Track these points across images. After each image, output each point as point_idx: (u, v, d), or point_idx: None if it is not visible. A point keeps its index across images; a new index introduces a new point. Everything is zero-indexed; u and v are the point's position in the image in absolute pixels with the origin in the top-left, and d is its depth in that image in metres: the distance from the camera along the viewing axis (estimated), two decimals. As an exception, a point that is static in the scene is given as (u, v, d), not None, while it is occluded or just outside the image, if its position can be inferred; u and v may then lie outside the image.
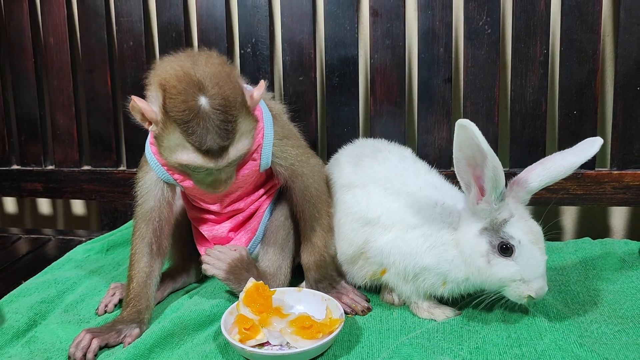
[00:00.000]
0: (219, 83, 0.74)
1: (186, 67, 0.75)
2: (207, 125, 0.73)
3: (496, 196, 0.74)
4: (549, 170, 0.78)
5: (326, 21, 1.18)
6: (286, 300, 0.85)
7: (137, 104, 0.76)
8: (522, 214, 0.77)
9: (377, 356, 0.74)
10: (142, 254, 0.86)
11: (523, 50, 1.10)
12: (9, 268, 1.13)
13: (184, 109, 0.72)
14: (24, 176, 1.37)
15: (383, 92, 1.18)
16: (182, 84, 0.73)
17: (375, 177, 0.86)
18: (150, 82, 0.79)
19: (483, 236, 0.76)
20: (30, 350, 0.80)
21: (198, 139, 0.73)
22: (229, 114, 0.74)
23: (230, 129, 0.74)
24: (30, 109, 1.35)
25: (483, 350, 0.74)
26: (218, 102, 0.73)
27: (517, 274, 0.75)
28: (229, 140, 0.75)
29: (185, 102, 0.73)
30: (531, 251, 0.74)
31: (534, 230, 0.76)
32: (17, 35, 1.33)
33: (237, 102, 0.75)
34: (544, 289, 0.75)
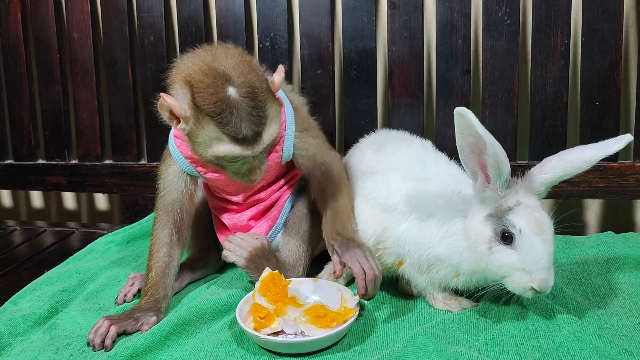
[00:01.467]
0: (242, 72, 0.75)
1: (208, 61, 0.76)
2: (240, 114, 0.73)
3: (501, 183, 0.73)
4: (565, 163, 0.75)
5: (344, 14, 1.18)
6: (302, 290, 0.85)
7: (167, 101, 0.76)
8: (531, 203, 0.74)
9: (391, 345, 0.74)
10: (162, 244, 0.87)
11: (543, 41, 1.09)
12: (34, 258, 1.16)
13: (215, 101, 0.73)
14: (48, 170, 1.39)
15: (401, 84, 1.17)
16: (209, 77, 0.74)
17: (396, 163, 0.86)
18: (173, 80, 0.79)
19: (488, 222, 0.74)
20: (52, 337, 0.81)
21: (233, 128, 0.74)
22: (258, 100, 0.75)
23: (261, 114, 0.75)
24: (55, 104, 1.37)
25: (499, 341, 0.73)
26: (246, 90, 0.74)
27: (517, 263, 0.72)
28: (262, 126, 0.76)
29: (215, 94, 0.73)
30: (532, 241, 0.72)
31: (539, 220, 0.73)
32: (42, 31, 1.35)
33: (263, 88, 0.76)
34: (548, 282, 0.72)
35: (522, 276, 0.73)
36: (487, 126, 1.10)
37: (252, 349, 0.75)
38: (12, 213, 1.65)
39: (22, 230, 1.35)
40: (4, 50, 1.39)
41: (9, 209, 1.65)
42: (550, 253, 0.73)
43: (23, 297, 0.93)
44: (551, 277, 0.73)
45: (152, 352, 0.75)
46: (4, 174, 1.42)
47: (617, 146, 0.74)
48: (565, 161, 0.75)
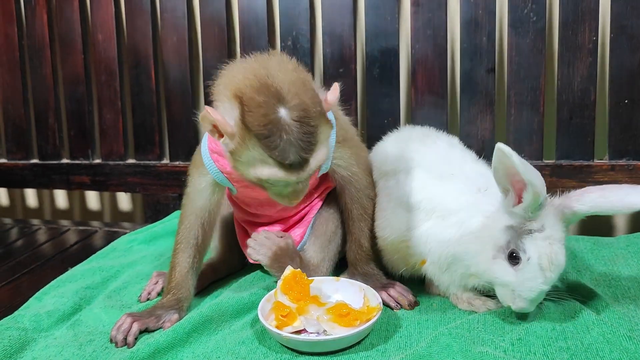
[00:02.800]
0: (297, 92, 0.69)
1: (261, 76, 0.70)
2: (289, 139, 0.68)
3: (534, 209, 0.71)
4: (605, 201, 0.70)
5: (367, 12, 1.18)
6: (324, 289, 0.84)
7: (212, 116, 0.70)
8: (553, 233, 0.71)
9: (415, 345, 0.73)
10: (187, 244, 0.86)
11: (571, 38, 1.07)
12: (58, 256, 1.17)
13: (266, 123, 0.68)
14: (72, 169, 1.41)
15: (424, 83, 1.16)
16: (261, 96, 0.68)
17: (421, 161, 0.85)
18: (220, 91, 0.75)
19: (507, 233, 0.72)
20: (75, 333, 0.82)
21: (281, 154, 0.68)
22: (310, 125, 0.69)
23: (311, 140, 0.70)
24: (80, 104, 1.39)
25: (526, 342, 0.71)
26: (298, 113, 0.68)
27: (511, 284, 0.72)
28: (311, 152, 0.70)
29: (266, 115, 0.68)
30: (534, 273, 0.70)
31: (552, 257, 0.70)
32: (67, 32, 1.37)
33: (317, 111, 0.71)
34: (525, 309, 0.73)
35: (509, 294, 0.73)
36: (512, 125, 1.12)
37: (273, 347, 0.74)
38: (37, 212, 1.67)
39: (46, 229, 1.36)
40: (30, 51, 1.41)
41: (34, 209, 1.67)
42: (544, 291, 0.72)
43: (47, 294, 0.94)
44: (530, 308, 0.73)
45: (174, 349, 0.75)
46: (30, 173, 1.44)
47: None
48: (606, 199, 0.70)
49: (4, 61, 1.43)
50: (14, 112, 1.44)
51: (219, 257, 0.99)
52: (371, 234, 0.88)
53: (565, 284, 0.86)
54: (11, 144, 1.46)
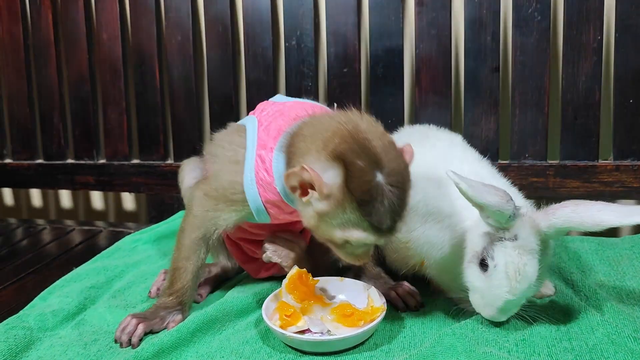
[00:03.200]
0: (391, 158, 0.69)
1: (359, 140, 0.68)
2: (386, 204, 0.67)
3: (504, 221, 0.70)
4: (576, 216, 0.68)
5: (371, 12, 1.18)
6: (328, 289, 0.84)
7: (310, 174, 0.67)
8: (527, 244, 0.69)
9: (419, 345, 0.73)
10: (193, 253, 0.84)
11: (575, 37, 1.07)
12: (63, 256, 1.17)
13: (368, 189, 0.67)
14: (77, 169, 1.41)
15: (429, 82, 1.16)
16: (364, 161, 0.67)
17: (419, 163, 0.85)
18: (308, 148, 0.71)
19: (483, 239, 0.72)
20: (80, 332, 0.82)
21: (378, 219, 0.68)
22: (403, 190, 0.69)
23: (404, 204, 0.70)
24: (84, 104, 1.39)
25: (530, 342, 0.71)
26: (395, 179, 0.68)
27: (479, 289, 0.72)
28: (402, 216, 0.70)
29: (369, 182, 0.67)
30: (499, 281, 0.69)
31: (519, 267, 0.69)
32: (72, 32, 1.37)
33: (407, 174, 0.71)
34: (494, 319, 0.73)
35: (479, 299, 0.73)
36: (516, 125, 1.12)
37: (277, 347, 0.74)
38: (42, 212, 1.68)
39: (51, 228, 1.37)
40: (35, 50, 1.41)
41: (39, 208, 1.68)
42: (509, 301, 0.70)
43: (52, 293, 0.94)
44: (499, 317, 0.72)
45: (178, 348, 0.75)
46: (35, 173, 1.45)
47: (637, 218, 0.66)
48: (577, 214, 0.68)
49: (9, 61, 1.43)
50: (19, 112, 1.45)
51: (220, 265, 0.99)
52: None
53: (570, 285, 0.86)
54: (16, 144, 1.47)
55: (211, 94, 1.31)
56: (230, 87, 1.29)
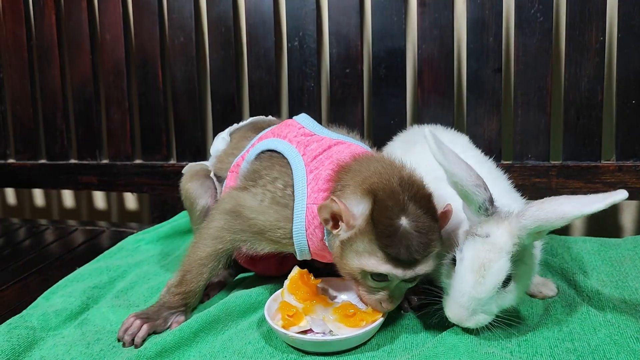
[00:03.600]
0: (420, 208, 0.71)
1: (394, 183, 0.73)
2: (405, 241, 0.70)
3: (475, 209, 0.69)
4: (544, 213, 0.67)
5: (373, 13, 1.18)
6: (331, 289, 0.84)
7: (340, 206, 0.71)
8: (498, 242, 0.68)
9: (421, 346, 0.73)
10: (215, 264, 0.84)
11: (578, 38, 1.07)
12: (66, 256, 1.17)
13: (390, 224, 0.70)
14: (80, 169, 1.42)
15: (431, 83, 1.16)
16: (391, 201, 0.71)
17: (420, 163, 0.85)
18: (348, 185, 0.75)
19: (462, 237, 0.72)
20: (82, 332, 0.82)
21: (395, 251, 0.70)
22: (426, 235, 0.70)
23: (425, 247, 0.70)
24: (87, 105, 1.40)
25: (532, 343, 0.71)
26: (419, 224, 0.70)
27: (447, 286, 0.71)
28: (422, 256, 0.71)
29: (392, 218, 0.70)
30: (463, 275, 0.68)
31: (485, 262, 0.67)
32: (75, 33, 1.38)
33: (434, 224, 0.72)
34: (460, 321, 0.70)
35: (448, 300, 0.71)
36: (519, 125, 1.12)
37: (280, 347, 0.74)
38: (45, 212, 1.68)
39: (54, 228, 1.37)
40: (39, 51, 1.42)
41: (42, 208, 1.68)
42: (474, 298, 0.68)
43: (55, 293, 0.94)
44: (469, 319, 0.70)
45: (181, 348, 0.75)
46: (38, 173, 1.45)
47: (598, 205, 0.65)
48: (543, 211, 0.67)
49: (12, 61, 1.44)
50: (22, 112, 1.45)
51: None
52: None
53: (573, 285, 0.86)
54: (19, 144, 1.47)
55: (214, 94, 1.31)
56: (233, 87, 1.30)
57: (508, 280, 0.69)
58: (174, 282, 0.85)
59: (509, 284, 0.70)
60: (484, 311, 0.70)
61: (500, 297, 0.70)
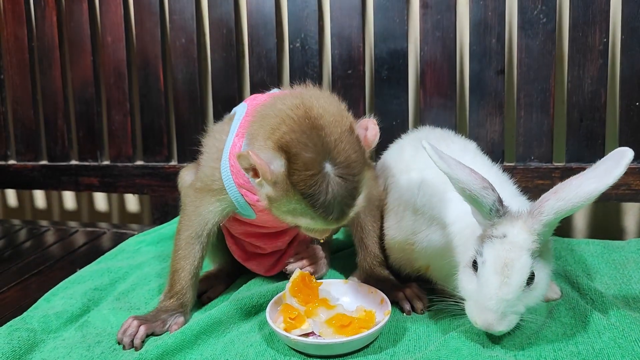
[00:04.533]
0: (344, 147, 0.68)
1: (306, 127, 0.68)
2: (334, 195, 0.67)
3: (485, 214, 0.69)
4: (564, 202, 0.65)
5: (375, 14, 1.17)
6: (332, 291, 0.84)
7: (255, 161, 0.67)
8: (517, 241, 0.67)
9: (424, 349, 0.73)
10: (190, 251, 0.85)
11: (581, 40, 1.06)
12: (67, 257, 1.17)
13: (312, 183, 0.66)
14: (81, 171, 1.41)
15: (433, 84, 1.15)
16: (309, 152, 0.66)
17: (429, 166, 0.84)
18: (257, 133, 0.72)
19: (476, 243, 0.70)
20: (83, 334, 0.82)
21: (323, 210, 0.67)
22: (354, 181, 0.68)
23: (354, 194, 0.69)
24: (88, 106, 1.39)
25: (536, 346, 0.71)
26: (345, 171, 0.67)
27: (472, 292, 0.69)
28: (352, 206, 0.70)
29: (314, 176, 0.66)
30: (487, 278, 0.67)
31: (508, 261, 0.66)
32: (77, 34, 1.38)
33: (360, 163, 0.69)
34: (492, 326, 0.67)
35: (473, 307, 0.69)
36: (521, 127, 1.11)
37: (282, 350, 0.74)
38: (46, 213, 1.68)
39: (55, 230, 1.37)
40: (40, 52, 1.42)
41: (43, 210, 1.68)
42: (502, 298, 0.66)
43: (56, 295, 0.94)
44: (499, 323, 0.67)
45: (182, 351, 0.75)
46: (39, 174, 1.45)
47: (617, 171, 0.64)
48: (563, 199, 0.65)
49: (13, 63, 1.44)
50: (23, 113, 1.45)
51: (221, 267, 0.99)
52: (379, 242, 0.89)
53: (576, 288, 0.85)
54: (20, 145, 1.47)
55: (215, 95, 1.31)
56: (234, 88, 1.29)
57: (531, 277, 0.68)
58: (166, 287, 0.86)
59: (533, 281, 0.68)
60: (513, 312, 0.68)
61: (526, 296, 0.68)
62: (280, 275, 0.95)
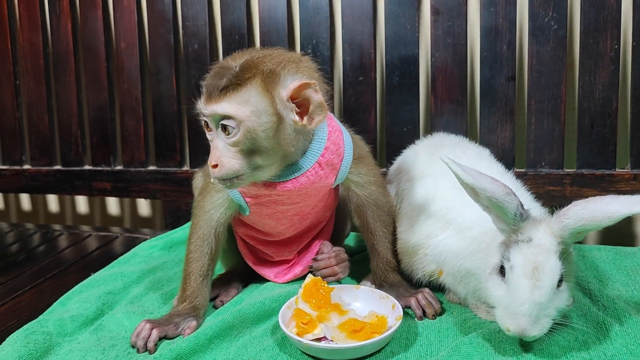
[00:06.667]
0: (266, 59, 0.75)
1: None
2: (219, 74, 0.73)
3: (509, 219, 0.69)
4: (587, 212, 0.66)
5: (387, 21, 1.18)
6: (344, 297, 0.84)
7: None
8: (543, 244, 0.67)
9: (435, 354, 0.73)
10: (200, 253, 0.87)
11: (592, 46, 1.06)
12: (80, 262, 1.19)
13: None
14: (94, 176, 1.43)
15: (444, 91, 1.16)
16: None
17: (445, 171, 0.85)
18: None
19: (500, 250, 0.71)
20: (98, 338, 0.83)
21: (206, 81, 0.75)
22: (239, 74, 0.73)
23: (236, 82, 0.72)
24: (102, 111, 1.41)
25: (548, 352, 0.71)
26: (242, 63, 0.74)
27: (502, 298, 0.69)
28: (227, 90, 0.72)
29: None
30: (518, 282, 0.67)
31: (537, 264, 0.66)
32: (91, 41, 1.39)
33: (257, 73, 0.73)
34: (526, 331, 0.66)
35: (504, 313, 0.69)
36: (532, 133, 1.11)
37: (294, 355, 0.74)
38: (59, 217, 1.69)
39: (68, 234, 1.38)
40: (55, 59, 1.43)
41: (56, 214, 1.70)
42: (534, 302, 0.66)
43: (71, 299, 0.95)
44: (533, 327, 0.67)
45: (196, 355, 0.75)
46: (52, 179, 1.46)
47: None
48: (588, 210, 0.67)
49: (29, 69, 1.46)
50: (38, 119, 1.47)
51: (233, 270, 1.00)
52: (392, 248, 0.90)
53: (588, 294, 0.85)
54: (35, 150, 1.49)
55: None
56: (246, 95, 1.30)
57: (560, 279, 0.68)
58: (179, 292, 0.87)
59: (562, 283, 0.69)
60: (545, 315, 0.68)
61: (557, 298, 0.68)
62: (292, 280, 0.95)
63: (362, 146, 0.91)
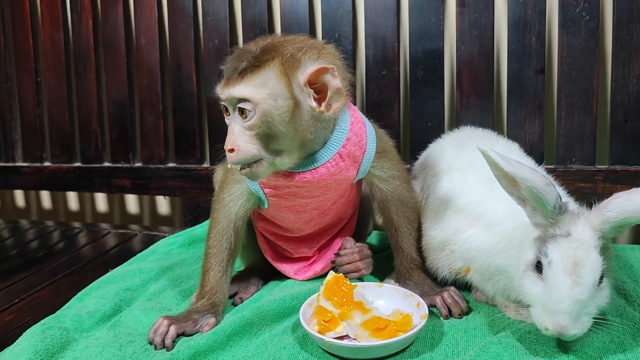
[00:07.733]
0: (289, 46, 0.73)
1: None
2: (239, 58, 0.73)
3: (548, 212, 0.66)
4: (631, 204, 0.63)
5: (411, 13, 1.15)
6: (367, 295, 0.82)
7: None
8: (582, 238, 0.64)
9: (463, 354, 0.70)
10: (220, 248, 0.85)
11: (625, 37, 1.03)
12: (99, 259, 1.18)
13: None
14: (114, 173, 1.42)
15: (470, 84, 1.13)
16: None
17: (475, 162, 0.82)
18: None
19: (534, 245, 0.68)
20: (115, 334, 0.81)
21: (226, 65, 0.74)
22: (259, 56, 0.72)
23: (251, 65, 0.71)
24: (122, 108, 1.40)
25: (582, 353, 0.67)
26: (261, 47, 0.73)
27: (539, 296, 0.65)
28: (242, 75, 0.71)
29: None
30: (557, 278, 0.63)
31: (577, 260, 0.63)
32: (111, 37, 1.39)
33: (276, 56, 0.72)
34: (565, 329, 0.63)
35: (541, 312, 0.65)
36: (562, 128, 1.07)
37: (315, 353, 0.72)
38: (78, 215, 1.69)
39: (87, 231, 1.38)
40: (76, 55, 1.43)
41: (75, 212, 1.70)
42: (575, 299, 0.63)
43: (88, 294, 0.94)
44: (573, 325, 0.63)
45: (214, 352, 0.73)
46: (72, 176, 1.46)
47: None
48: (631, 202, 0.63)
49: (50, 65, 1.46)
50: (58, 115, 1.47)
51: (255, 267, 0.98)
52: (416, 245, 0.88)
53: (623, 294, 0.82)
54: (55, 147, 1.49)
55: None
56: (267, 90, 1.28)
57: (601, 276, 0.65)
58: (198, 289, 0.86)
59: (602, 279, 0.65)
60: (585, 313, 0.64)
61: (597, 296, 0.65)
62: (312, 278, 0.93)
63: (386, 140, 0.88)
